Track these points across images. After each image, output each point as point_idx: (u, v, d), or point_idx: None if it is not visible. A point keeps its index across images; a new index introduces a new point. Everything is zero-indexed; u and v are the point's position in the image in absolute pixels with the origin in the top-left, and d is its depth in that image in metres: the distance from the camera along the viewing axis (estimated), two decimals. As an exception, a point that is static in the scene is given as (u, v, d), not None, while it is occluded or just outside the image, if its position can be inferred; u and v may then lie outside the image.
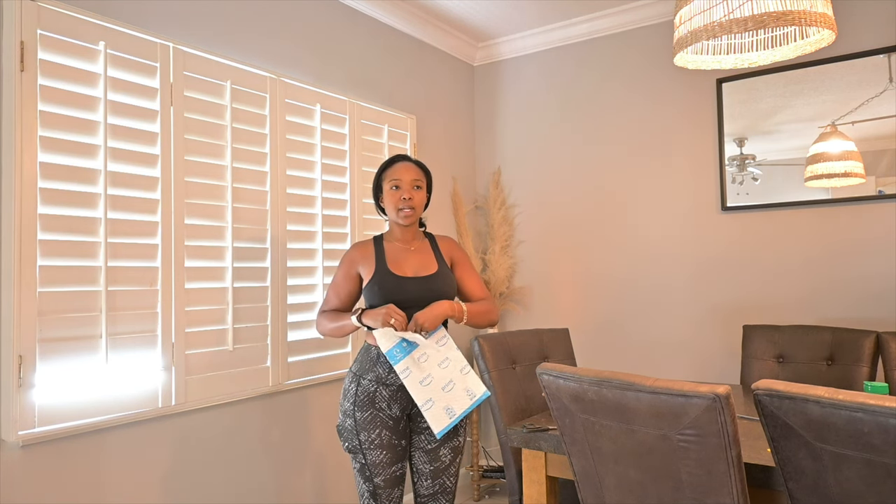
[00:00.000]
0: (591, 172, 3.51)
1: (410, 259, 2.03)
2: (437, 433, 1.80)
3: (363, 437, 1.91)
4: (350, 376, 1.99)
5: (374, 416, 1.92)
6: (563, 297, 3.59)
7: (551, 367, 1.53)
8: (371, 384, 1.93)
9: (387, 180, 2.03)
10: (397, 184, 2.00)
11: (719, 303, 3.12)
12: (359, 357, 2.01)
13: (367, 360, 1.97)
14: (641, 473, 1.42)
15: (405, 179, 2.00)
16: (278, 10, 2.68)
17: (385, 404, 1.93)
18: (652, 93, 3.33)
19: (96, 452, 2.01)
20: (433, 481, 2.01)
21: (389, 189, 2.01)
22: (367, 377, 1.95)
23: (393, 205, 2.01)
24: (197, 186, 2.29)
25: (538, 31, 3.61)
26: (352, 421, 1.93)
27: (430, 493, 2.02)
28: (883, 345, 2.33)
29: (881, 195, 2.73)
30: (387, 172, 2.05)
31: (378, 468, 1.91)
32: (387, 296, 1.94)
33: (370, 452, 1.91)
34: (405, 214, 2.00)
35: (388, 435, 1.92)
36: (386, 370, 1.93)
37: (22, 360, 1.81)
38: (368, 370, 1.95)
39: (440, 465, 2.01)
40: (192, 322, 2.25)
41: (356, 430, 1.92)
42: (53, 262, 1.90)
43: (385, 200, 2.05)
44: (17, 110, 1.82)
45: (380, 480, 1.92)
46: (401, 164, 2.04)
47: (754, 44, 1.96)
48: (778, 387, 1.21)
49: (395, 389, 1.94)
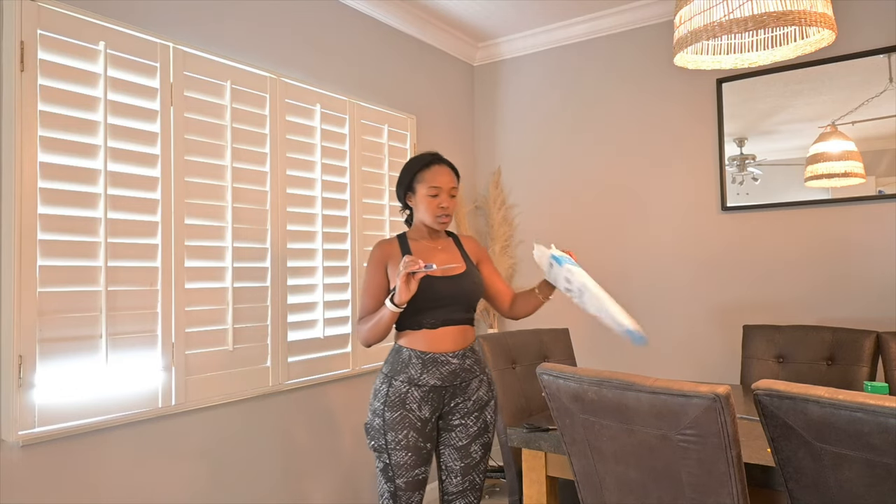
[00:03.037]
0: (592, 172, 3.51)
1: (438, 258, 2.01)
2: (628, 329, 1.75)
3: (389, 437, 1.91)
4: (381, 377, 1.98)
5: (403, 417, 1.91)
6: (563, 296, 3.58)
7: (551, 367, 1.53)
8: (403, 385, 1.92)
9: (424, 184, 1.99)
10: (436, 192, 1.98)
11: (719, 303, 3.12)
12: (389, 359, 1.99)
13: (399, 362, 1.95)
14: (641, 473, 1.42)
15: (444, 187, 1.99)
16: (278, 10, 2.68)
17: (416, 405, 1.92)
18: (652, 93, 3.33)
19: (96, 452, 2.01)
20: (463, 478, 2.00)
21: (427, 194, 1.99)
22: (398, 378, 1.93)
23: (430, 211, 1.99)
24: (197, 186, 2.29)
25: (538, 31, 3.60)
26: (380, 420, 1.92)
27: (458, 491, 2.00)
28: (883, 345, 2.33)
29: (881, 195, 2.73)
30: (424, 175, 2.00)
31: (401, 469, 1.91)
32: (418, 294, 1.90)
33: (395, 453, 1.91)
34: (442, 222, 2.01)
35: (415, 437, 1.92)
36: (418, 371, 1.92)
37: (22, 360, 1.81)
38: (400, 371, 1.94)
39: (471, 462, 2.00)
40: (192, 322, 2.25)
41: (384, 430, 1.92)
42: (53, 262, 1.90)
43: (418, 202, 2.01)
44: (17, 110, 1.82)
45: (401, 482, 1.92)
46: (438, 169, 2.01)
47: (754, 44, 1.96)
48: (778, 387, 1.21)
49: (426, 391, 1.93)
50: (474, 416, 2.00)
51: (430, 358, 1.92)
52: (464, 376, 1.96)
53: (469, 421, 1.99)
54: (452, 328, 1.96)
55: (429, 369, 1.92)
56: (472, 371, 1.98)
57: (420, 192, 2.00)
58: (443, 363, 1.93)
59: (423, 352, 1.93)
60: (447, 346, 1.94)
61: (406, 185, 2.04)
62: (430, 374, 1.91)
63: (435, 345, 1.93)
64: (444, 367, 1.92)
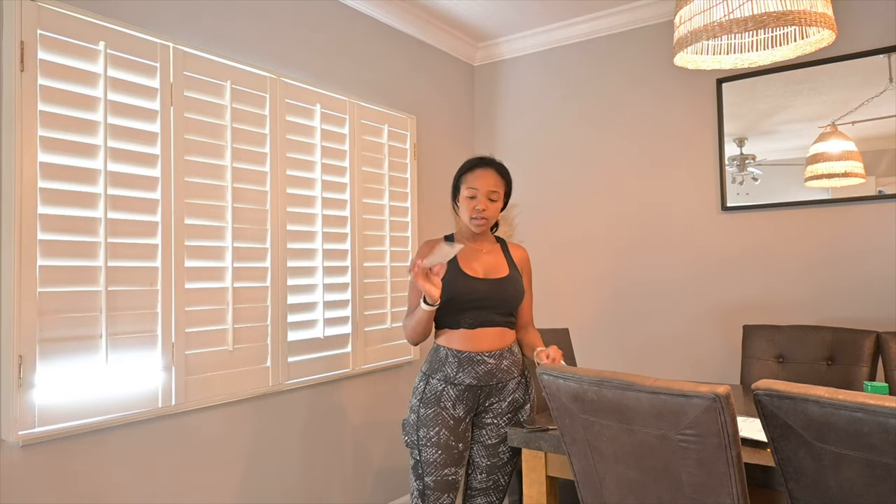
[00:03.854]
0: (591, 172, 3.51)
1: (482, 260, 2.06)
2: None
3: (422, 433, 1.95)
4: (420, 375, 2.04)
5: (436, 414, 1.95)
6: (563, 297, 3.59)
7: (551, 367, 1.53)
8: (439, 383, 1.97)
9: (465, 185, 2.04)
10: (474, 193, 2.01)
11: (719, 303, 3.12)
12: (429, 358, 2.05)
13: (437, 361, 2.00)
14: (641, 473, 1.42)
15: (482, 190, 2.01)
16: (278, 10, 2.68)
17: (450, 404, 1.96)
18: (652, 93, 3.33)
19: (96, 452, 2.01)
20: (487, 476, 2.03)
21: (466, 195, 2.03)
22: (435, 377, 1.98)
23: (467, 213, 2.03)
24: (197, 186, 2.29)
25: (538, 31, 3.60)
26: (415, 416, 1.98)
27: (482, 488, 2.04)
28: (883, 345, 2.33)
29: (881, 195, 2.73)
30: (466, 177, 2.05)
31: (430, 467, 1.94)
32: (458, 294, 1.96)
33: (425, 449, 1.95)
34: (477, 223, 2.03)
35: (447, 435, 1.94)
36: (454, 370, 1.95)
37: (22, 360, 1.81)
38: (437, 370, 1.98)
39: (497, 462, 2.03)
40: (192, 322, 2.25)
41: (417, 426, 1.96)
42: (53, 262, 1.90)
43: (460, 203, 2.06)
44: (17, 110, 1.82)
45: (430, 480, 1.94)
46: (480, 172, 2.04)
47: (754, 44, 1.96)
48: (778, 387, 1.21)
49: (462, 389, 1.96)
50: (507, 417, 2.03)
51: (466, 357, 1.95)
52: (500, 377, 1.98)
53: (501, 421, 2.02)
54: (491, 329, 1.99)
55: (465, 368, 1.95)
56: (509, 372, 2.01)
57: (462, 194, 2.05)
58: (479, 362, 1.95)
59: (460, 350, 1.96)
60: (484, 346, 1.97)
61: (454, 190, 2.10)
62: (466, 372, 1.95)
63: (472, 344, 1.97)
64: (479, 367, 1.95)
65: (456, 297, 1.95)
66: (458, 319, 1.98)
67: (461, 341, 1.97)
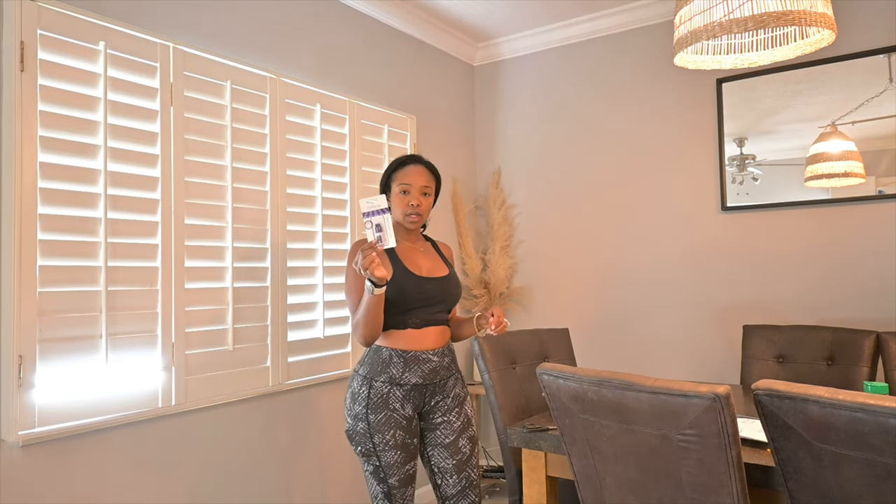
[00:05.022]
0: (592, 172, 3.51)
1: (422, 259, 2.04)
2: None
3: (377, 440, 1.90)
4: (359, 380, 1.95)
5: (388, 418, 1.90)
6: (563, 297, 3.59)
7: (551, 367, 1.53)
8: (384, 385, 1.92)
9: (396, 182, 2.02)
10: (406, 189, 2.00)
11: (719, 303, 3.12)
12: (367, 360, 1.97)
13: (379, 362, 1.94)
14: (641, 473, 1.42)
15: (415, 185, 1.99)
16: (278, 10, 2.68)
17: (399, 404, 1.92)
18: (652, 93, 3.33)
19: (96, 452, 2.01)
20: (458, 476, 2.00)
21: (398, 192, 2.01)
22: (379, 379, 1.92)
23: (401, 209, 2.01)
24: (197, 186, 2.29)
25: (538, 32, 3.60)
26: (364, 424, 1.91)
27: (457, 491, 2.00)
28: (883, 345, 2.33)
29: (881, 195, 2.73)
30: (397, 174, 2.03)
31: (392, 469, 1.91)
32: (409, 294, 1.93)
33: (384, 454, 1.90)
34: (412, 220, 2.01)
35: (402, 434, 1.92)
36: (400, 370, 1.92)
37: (22, 360, 1.81)
38: (380, 372, 1.93)
39: (462, 458, 2.01)
40: (192, 322, 2.25)
41: (370, 433, 1.90)
42: (53, 262, 1.90)
43: (393, 201, 2.03)
44: (17, 110, 1.82)
45: (394, 481, 1.92)
46: (412, 168, 2.02)
47: (754, 44, 1.96)
48: (778, 387, 1.21)
49: (408, 389, 1.93)
50: (455, 412, 2.02)
51: (411, 356, 1.93)
52: (443, 374, 1.99)
53: (451, 417, 2.01)
54: (434, 328, 1.99)
55: (410, 367, 1.93)
56: (449, 369, 2.02)
57: (394, 190, 2.02)
58: (424, 361, 1.94)
59: (405, 350, 1.93)
60: (429, 345, 1.97)
61: (383, 185, 2.07)
62: (412, 372, 1.93)
63: (417, 343, 1.95)
64: (425, 366, 1.94)
65: (405, 297, 1.92)
66: (404, 319, 1.94)
67: (407, 341, 1.94)
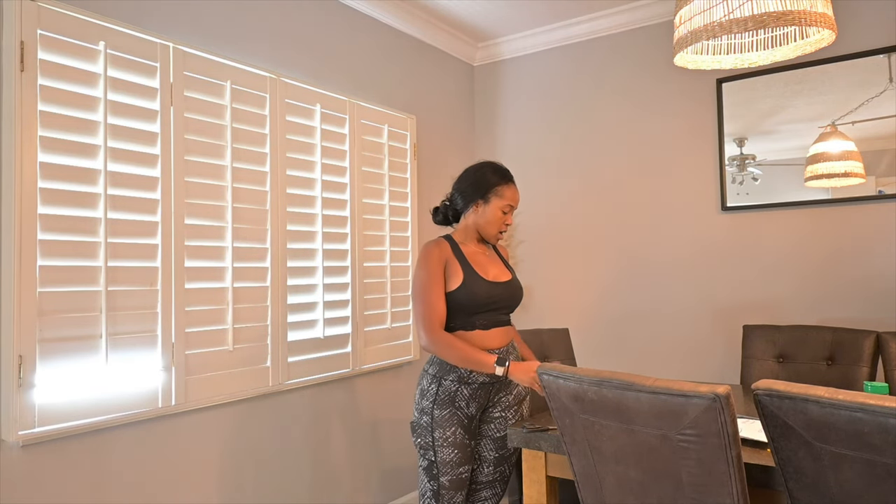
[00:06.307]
0: (591, 172, 3.51)
1: (488, 264, 2.11)
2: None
3: (437, 435, 1.98)
4: (428, 378, 2.04)
5: (452, 414, 1.99)
6: (563, 297, 3.59)
7: (551, 367, 1.53)
8: (453, 384, 2.00)
9: (501, 199, 2.07)
10: (509, 209, 2.09)
11: (719, 303, 3.12)
12: (436, 360, 2.05)
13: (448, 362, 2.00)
14: (641, 473, 1.42)
15: (515, 207, 2.11)
16: (278, 10, 2.68)
17: (464, 403, 2.01)
18: (652, 93, 3.33)
19: (96, 452, 2.01)
20: (495, 468, 2.09)
21: (499, 208, 2.07)
22: (448, 378, 2.00)
23: (496, 225, 2.08)
24: (197, 186, 2.29)
25: (538, 31, 3.61)
26: (428, 418, 2.00)
27: (488, 481, 2.09)
28: (883, 345, 2.33)
29: (881, 195, 2.73)
30: (504, 191, 2.08)
31: (446, 466, 1.97)
32: (479, 298, 1.99)
33: (441, 450, 1.98)
34: (499, 237, 2.12)
35: (462, 434, 1.99)
36: (467, 370, 1.98)
37: (22, 360, 1.81)
38: (449, 371, 2.00)
39: (505, 453, 2.10)
40: (192, 322, 2.25)
41: (431, 427, 1.99)
42: (53, 262, 1.90)
43: (486, 212, 2.07)
44: (17, 110, 1.82)
45: (445, 480, 1.97)
46: (514, 188, 2.11)
47: (754, 44, 1.96)
48: (778, 387, 1.21)
49: (475, 388, 2.01)
50: (514, 410, 2.10)
51: None
52: None
53: (509, 414, 2.09)
54: (500, 328, 2.06)
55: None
56: None
57: (494, 204, 2.07)
58: None
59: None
60: (495, 344, 2.03)
61: (481, 193, 2.08)
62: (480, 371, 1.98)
63: (484, 343, 2.01)
64: None
65: (475, 301, 1.99)
66: (472, 321, 2.01)
67: (474, 341, 2.00)
